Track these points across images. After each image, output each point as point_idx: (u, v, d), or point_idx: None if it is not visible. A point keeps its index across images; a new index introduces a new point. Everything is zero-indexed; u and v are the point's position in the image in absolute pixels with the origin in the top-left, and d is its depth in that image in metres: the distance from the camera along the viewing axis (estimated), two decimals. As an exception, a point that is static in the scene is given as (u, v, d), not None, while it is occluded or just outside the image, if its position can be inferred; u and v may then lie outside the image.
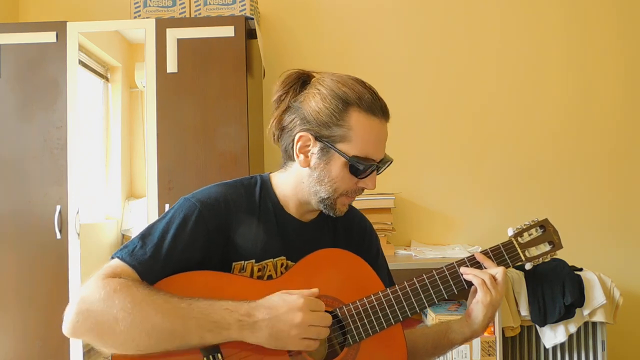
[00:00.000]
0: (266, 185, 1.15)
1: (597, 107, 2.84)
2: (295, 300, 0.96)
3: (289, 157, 1.12)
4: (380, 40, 2.84)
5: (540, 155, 2.83)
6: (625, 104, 2.85)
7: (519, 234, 1.19)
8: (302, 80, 1.12)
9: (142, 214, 2.29)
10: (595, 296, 2.35)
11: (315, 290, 1.00)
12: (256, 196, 1.13)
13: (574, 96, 2.85)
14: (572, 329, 2.36)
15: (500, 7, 2.86)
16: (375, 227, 1.96)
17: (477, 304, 1.11)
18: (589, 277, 2.39)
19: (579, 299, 2.33)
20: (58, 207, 2.24)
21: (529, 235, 1.20)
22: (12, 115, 2.29)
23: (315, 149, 1.07)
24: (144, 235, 1.02)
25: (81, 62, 2.32)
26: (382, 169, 1.12)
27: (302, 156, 1.09)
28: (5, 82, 2.29)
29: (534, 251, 1.19)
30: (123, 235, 2.44)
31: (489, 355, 2.24)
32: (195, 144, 2.25)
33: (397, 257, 2.52)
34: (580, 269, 2.48)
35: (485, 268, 1.14)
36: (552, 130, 2.83)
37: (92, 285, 0.94)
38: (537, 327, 2.40)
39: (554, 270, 2.41)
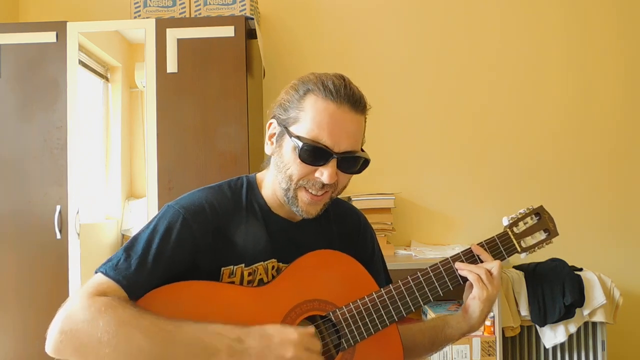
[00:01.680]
0: (252, 186, 1.13)
1: (597, 107, 2.84)
2: (290, 333, 0.93)
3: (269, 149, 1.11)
4: (380, 41, 2.84)
5: (540, 155, 2.83)
6: (625, 104, 2.85)
7: (514, 223, 1.18)
8: None
9: (142, 214, 2.29)
10: (595, 296, 2.35)
11: (312, 328, 0.96)
12: (243, 198, 1.11)
13: (574, 96, 2.85)
14: (572, 329, 2.36)
15: (500, 8, 2.86)
16: (375, 227, 1.95)
17: (474, 300, 1.10)
18: (589, 277, 2.39)
19: (579, 299, 2.33)
20: (58, 207, 2.24)
21: (524, 224, 1.19)
22: (12, 115, 2.29)
23: (277, 134, 1.07)
24: (128, 247, 0.99)
25: (81, 62, 2.32)
26: (350, 165, 1.04)
27: (268, 143, 1.09)
28: (5, 82, 2.29)
29: (529, 240, 1.18)
30: (123, 235, 2.44)
31: (489, 355, 2.24)
32: (195, 144, 2.25)
33: (397, 257, 2.52)
34: (580, 269, 2.48)
35: (481, 261, 1.13)
36: (552, 131, 2.83)
37: (76, 304, 0.91)
38: (537, 327, 2.40)
39: (554, 270, 2.41)
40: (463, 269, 1.11)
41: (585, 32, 2.86)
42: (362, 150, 1.07)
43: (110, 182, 2.50)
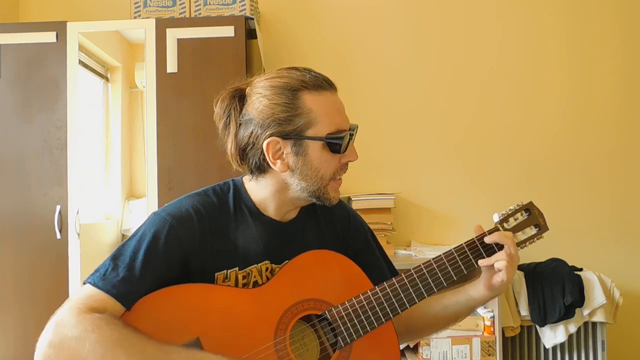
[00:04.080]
0: (239, 190, 1.12)
1: (597, 107, 2.84)
2: None
3: (262, 170, 1.08)
4: (380, 41, 2.84)
5: (540, 155, 2.83)
6: (624, 103, 2.85)
7: (504, 219, 1.18)
8: (238, 96, 1.09)
9: (142, 214, 2.29)
10: (595, 296, 2.35)
11: None
12: (230, 202, 1.10)
13: (573, 96, 2.85)
14: (572, 329, 2.36)
15: (499, 8, 2.86)
16: (375, 227, 1.94)
17: (502, 283, 1.08)
18: (589, 277, 2.39)
19: (579, 299, 2.33)
20: (58, 207, 2.24)
21: (515, 220, 1.19)
22: (12, 115, 2.29)
23: (288, 148, 1.04)
24: (115, 257, 0.99)
25: (81, 62, 2.32)
26: (354, 135, 1.09)
27: (278, 162, 1.04)
28: (5, 82, 2.29)
29: (520, 236, 1.18)
30: (123, 235, 2.44)
31: (489, 355, 2.24)
32: (195, 144, 2.25)
33: (397, 257, 2.52)
34: (580, 269, 2.48)
35: (483, 251, 1.12)
36: (552, 130, 2.84)
37: (66, 319, 0.90)
38: (537, 327, 2.40)
39: (554, 270, 2.41)
40: (487, 263, 1.09)
41: (584, 31, 2.85)
42: None
43: (110, 182, 2.50)
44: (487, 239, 1.12)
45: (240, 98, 1.09)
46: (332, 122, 1.04)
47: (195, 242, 1.03)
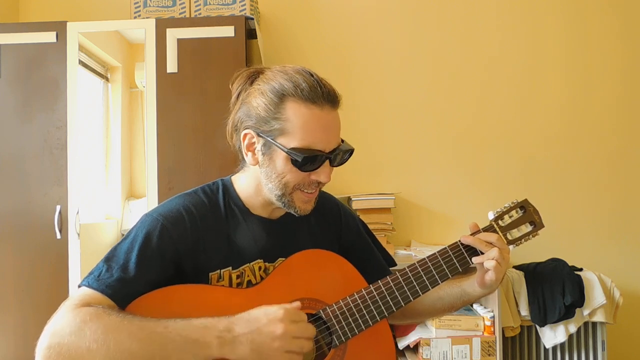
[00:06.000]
0: (229, 189, 1.13)
1: (596, 107, 2.84)
2: (276, 311, 0.92)
3: (243, 157, 1.09)
4: (380, 41, 2.84)
5: (539, 155, 2.83)
6: (624, 104, 2.85)
7: (499, 217, 1.18)
8: (252, 79, 1.10)
9: (142, 214, 2.28)
10: (595, 296, 2.35)
11: (297, 303, 0.97)
12: (220, 202, 1.10)
13: (572, 97, 2.85)
14: (572, 329, 2.36)
15: (499, 8, 2.86)
16: (375, 227, 1.94)
17: (495, 282, 1.09)
18: (589, 277, 2.39)
19: (579, 299, 2.33)
20: (58, 207, 2.24)
21: (510, 217, 1.18)
22: (12, 115, 2.29)
23: (259, 145, 1.04)
24: (108, 258, 1.00)
25: (81, 62, 2.32)
26: (339, 159, 1.05)
27: (250, 154, 1.06)
28: (5, 82, 2.29)
29: (515, 233, 1.18)
30: (123, 235, 2.44)
31: (489, 355, 2.24)
32: (195, 144, 2.25)
33: (397, 257, 2.51)
34: (580, 269, 2.48)
35: (473, 251, 1.12)
36: (552, 131, 2.83)
37: (61, 318, 0.90)
38: (537, 327, 2.40)
39: (554, 270, 2.41)
40: (480, 261, 1.10)
41: (584, 31, 2.85)
42: (342, 140, 1.08)
43: (110, 182, 2.50)
44: (475, 238, 1.12)
45: (252, 82, 1.10)
46: (304, 138, 1.00)
47: (188, 242, 1.03)
